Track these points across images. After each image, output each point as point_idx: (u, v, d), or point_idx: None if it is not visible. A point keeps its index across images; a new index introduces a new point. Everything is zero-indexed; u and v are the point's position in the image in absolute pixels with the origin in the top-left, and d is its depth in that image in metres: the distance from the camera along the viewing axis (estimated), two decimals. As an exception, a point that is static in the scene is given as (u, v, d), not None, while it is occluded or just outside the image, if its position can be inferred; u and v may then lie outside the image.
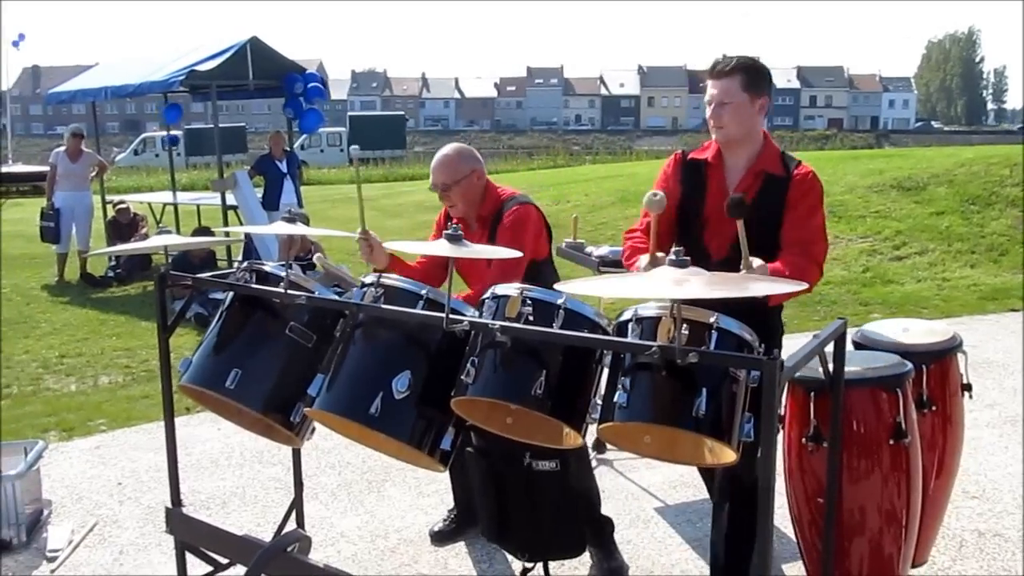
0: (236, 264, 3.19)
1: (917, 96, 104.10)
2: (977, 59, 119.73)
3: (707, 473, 3.44)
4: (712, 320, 2.12)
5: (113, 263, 10.23)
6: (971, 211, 10.78)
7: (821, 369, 2.43)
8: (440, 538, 3.81)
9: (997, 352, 6.30)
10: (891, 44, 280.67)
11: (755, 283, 2.15)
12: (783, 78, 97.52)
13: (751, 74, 2.90)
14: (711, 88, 2.93)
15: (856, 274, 9.38)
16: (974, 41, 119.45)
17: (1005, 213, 10.58)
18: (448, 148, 3.49)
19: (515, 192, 3.54)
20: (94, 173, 10.60)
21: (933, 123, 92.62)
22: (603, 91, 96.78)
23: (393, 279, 2.55)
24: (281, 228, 2.83)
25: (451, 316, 2.32)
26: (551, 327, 2.26)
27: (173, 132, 12.54)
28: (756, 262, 2.53)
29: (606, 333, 2.31)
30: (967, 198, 11.09)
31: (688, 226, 3.00)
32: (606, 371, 2.31)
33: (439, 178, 3.42)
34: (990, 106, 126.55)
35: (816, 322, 7.57)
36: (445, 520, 3.86)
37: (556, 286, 2.18)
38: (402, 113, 55.65)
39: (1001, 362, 6.10)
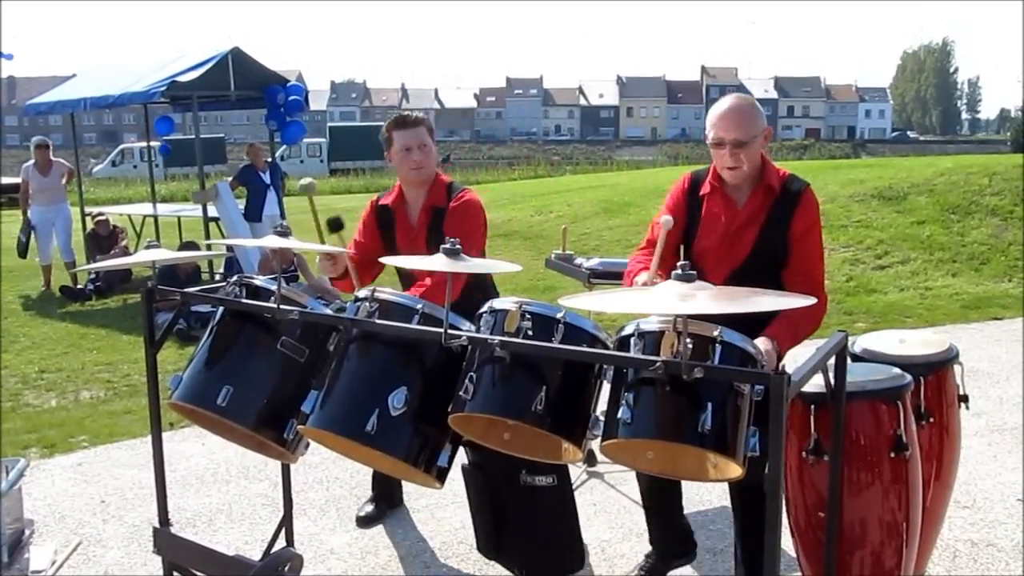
0: (222, 277, 3.14)
1: (893, 106, 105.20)
2: (951, 69, 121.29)
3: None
4: (716, 334, 2.10)
5: (92, 276, 10.11)
6: (951, 220, 10.86)
7: (821, 381, 2.41)
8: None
9: (982, 361, 6.32)
10: (867, 55, 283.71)
11: (762, 297, 2.12)
12: (760, 88, 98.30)
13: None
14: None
15: (839, 284, 9.41)
16: (948, 52, 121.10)
17: (985, 222, 10.67)
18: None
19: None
20: (64, 180, 10.47)
21: (909, 133, 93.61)
22: (582, 101, 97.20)
23: (388, 293, 2.51)
24: (272, 241, 2.78)
25: (449, 331, 2.28)
26: (550, 342, 2.23)
27: (162, 141, 12.43)
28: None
29: (606, 347, 2.28)
30: (947, 207, 11.17)
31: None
32: (607, 385, 2.28)
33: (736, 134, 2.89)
34: (964, 116, 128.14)
35: (802, 332, 7.58)
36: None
37: (560, 300, 2.15)
38: (382, 124, 55.33)
39: (987, 371, 6.13)
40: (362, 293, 2.55)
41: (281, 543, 3.27)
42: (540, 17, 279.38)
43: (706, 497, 4.21)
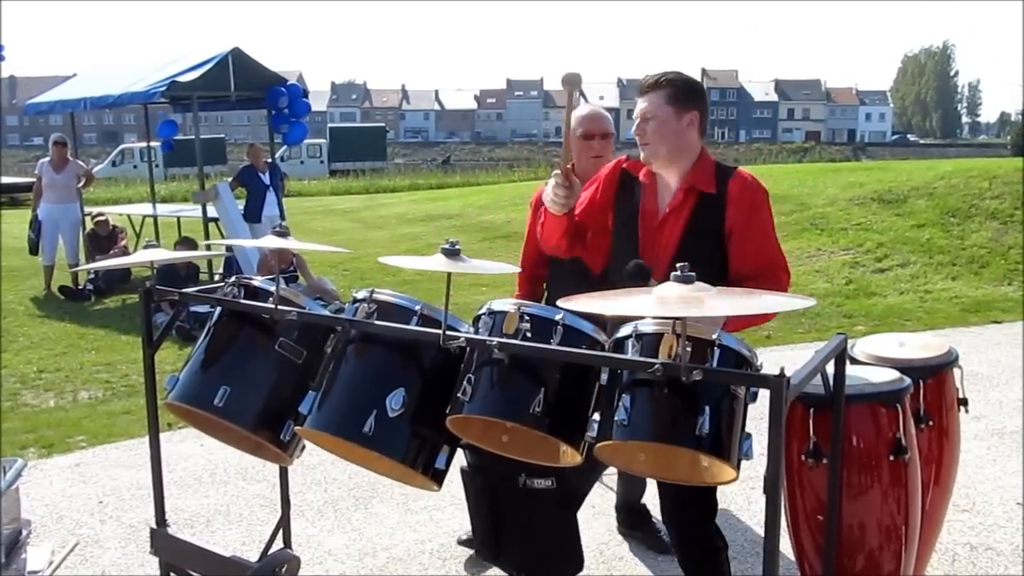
0: (220, 278, 3.13)
1: (893, 109, 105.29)
2: (952, 73, 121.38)
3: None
4: (714, 337, 2.09)
5: (92, 276, 10.10)
6: (951, 224, 10.86)
7: (820, 384, 2.41)
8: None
9: (981, 364, 6.32)
10: (867, 58, 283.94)
11: (764, 298, 2.11)
12: (761, 91, 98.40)
13: (677, 88, 2.76)
14: (638, 104, 2.82)
15: (839, 287, 9.42)
16: (949, 55, 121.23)
17: (985, 225, 10.66)
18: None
19: None
20: (81, 184, 10.41)
21: (909, 136, 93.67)
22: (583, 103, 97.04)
23: (386, 294, 2.50)
24: (271, 242, 2.78)
25: (448, 333, 2.27)
26: (549, 344, 2.22)
27: (165, 139, 12.43)
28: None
29: (604, 349, 2.27)
30: (947, 211, 11.17)
31: (623, 244, 2.89)
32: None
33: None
34: (964, 119, 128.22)
35: (800, 334, 7.58)
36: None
37: (558, 302, 2.14)
38: (382, 125, 55.76)
39: (986, 374, 6.12)
40: (360, 294, 2.54)
41: (279, 544, 3.25)
42: (540, 19, 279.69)
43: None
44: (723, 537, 2.88)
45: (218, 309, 2.76)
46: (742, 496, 4.22)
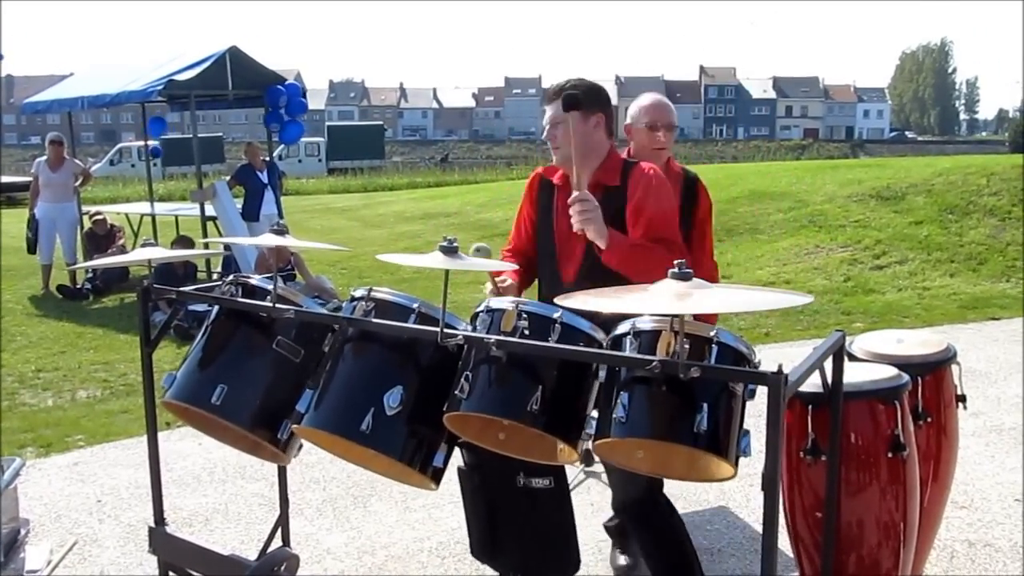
0: (219, 276, 3.13)
1: (891, 106, 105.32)
2: (950, 70, 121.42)
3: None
4: (712, 334, 2.09)
5: (90, 275, 10.09)
6: (949, 220, 10.86)
7: (819, 381, 2.41)
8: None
9: (980, 361, 6.32)
10: (865, 55, 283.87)
11: (764, 294, 2.11)
12: (759, 88, 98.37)
13: (582, 93, 2.89)
14: (547, 112, 2.98)
15: (837, 283, 9.42)
16: (946, 52, 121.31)
17: (983, 222, 10.67)
18: None
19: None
20: (78, 183, 10.39)
21: (907, 133, 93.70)
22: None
23: (384, 292, 2.50)
24: (269, 240, 2.77)
25: (445, 331, 2.27)
26: (547, 341, 2.21)
27: (153, 143, 12.43)
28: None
29: (602, 347, 2.27)
30: (945, 207, 11.17)
31: (545, 250, 3.04)
32: (599, 384, 2.26)
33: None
34: (962, 116, 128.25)
35: (799, 331, 7.59)
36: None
37: (556, 300, 2.14)
38: (380, 123, 55.66)
39: (984, 371, 6.12)
40: (358, 292, 2.54)
41: (277, 543, 3.25)
42: (539, 17, 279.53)
43: (703, 497, 4.21)
44: (672, 506, 2.99)
45: (216, 308, 2.76)
46: (741, 493, 4.22)
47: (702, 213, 3.46)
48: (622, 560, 3.60)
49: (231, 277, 2.78)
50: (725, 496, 4.25)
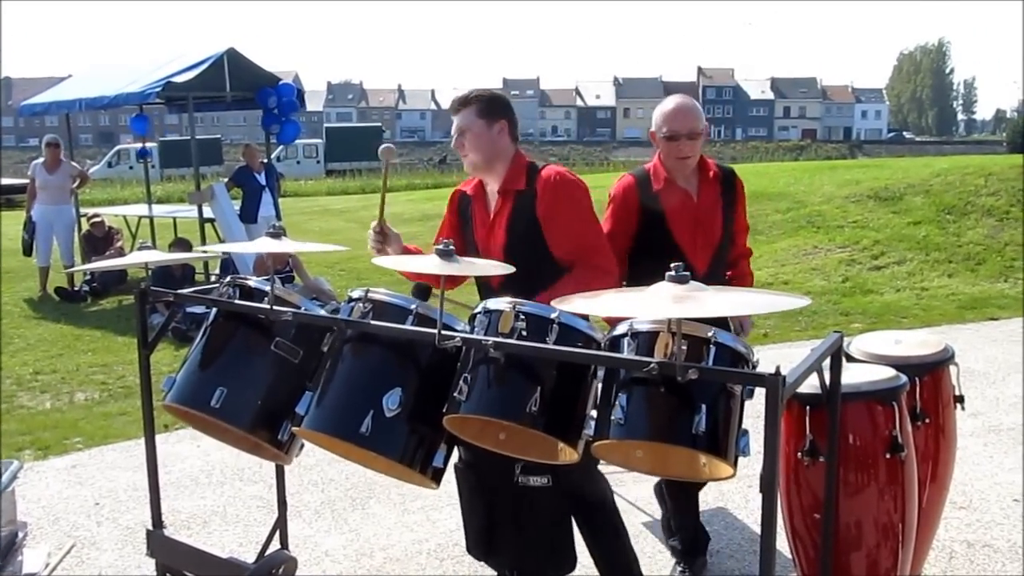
0: (217, 278, 3.12)
1: (889, 107, 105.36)
2: (947, 70, 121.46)
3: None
4: (710, 335, 2.09)
5: (88, 277, 10.08)
6: (947, 221, 10.87)
7: (817, 383, 2.40)
8: None
9: (978, 361, 6.32)
10: (863, 55, 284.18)
11: (757, 296, 2.11)
12: (757, 89, 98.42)
13: (484, 102, 3.01)
14: (454, 122, 3.07)
15: (836, 284, 9.42)
16: (944, 52, 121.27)
17: (981, 222, 10.67)
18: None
19: None
20: (75, 185, 10.38)
21: (905, 133, 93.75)
22: (579, 102, 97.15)
23: (382, 294, 2.50)
24: (266, 244, 2.77)
25: (443, 332, 2.27)
26: (545, 342, 2.21)
27: (146, 144, 12.40)
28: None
29: (600, 346, 2.27)
30: (943, 208, 11.18)
31: (468, 253, 3.10)
32: (598, 384, 2.26)
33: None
34: (960, 116, 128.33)
35: (798, 332, 7.59)
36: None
37: (554, 302, 2.14)
38: (379, 125, 55.62)
39: (982, 371, 6.13)
40: (356, 293, 2.54)
41: (276, 545, 3.25)
42: (537, 18, 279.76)
43: (702, 498, 4.18)
44: (610, 491, 3.04)
45: (214, 310, 2.75)
46: (739, 494, 4.22)
47: (740, 206, 3.62)
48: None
49: (229, 279, 2.78)
50: (724, 497, 4.25)
